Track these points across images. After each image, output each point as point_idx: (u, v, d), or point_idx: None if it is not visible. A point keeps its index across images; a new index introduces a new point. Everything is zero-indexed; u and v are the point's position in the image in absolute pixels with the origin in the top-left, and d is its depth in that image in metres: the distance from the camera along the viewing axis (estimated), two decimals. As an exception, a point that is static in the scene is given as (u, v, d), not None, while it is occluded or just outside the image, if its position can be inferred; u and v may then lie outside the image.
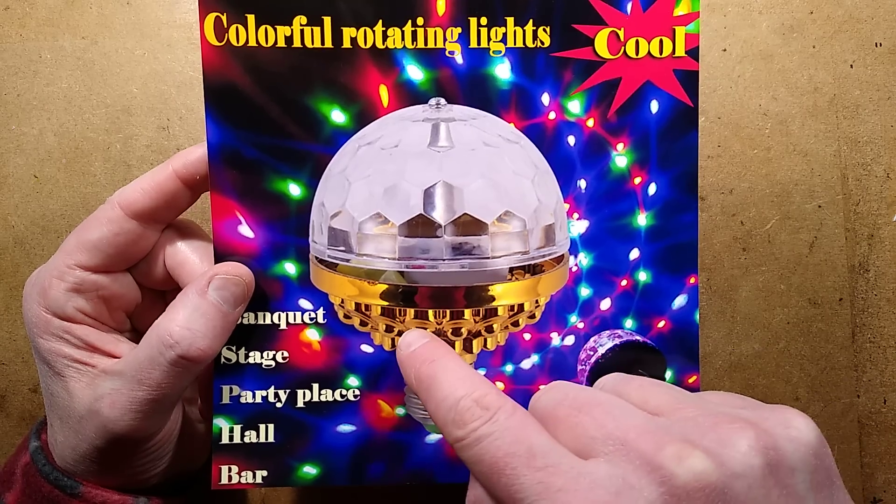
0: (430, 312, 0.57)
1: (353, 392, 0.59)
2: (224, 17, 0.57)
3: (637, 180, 0.59)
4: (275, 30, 0.57)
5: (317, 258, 0.59)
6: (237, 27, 0.57)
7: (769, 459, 0.41)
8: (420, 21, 0.57)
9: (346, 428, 0.60)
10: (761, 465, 0.41)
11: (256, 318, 0.59)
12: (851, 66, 0.74)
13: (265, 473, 0.59)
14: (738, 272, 0.74)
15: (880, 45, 0.74)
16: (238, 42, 0.57)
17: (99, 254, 0.58)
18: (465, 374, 0.48)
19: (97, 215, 0.59)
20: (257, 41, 0.57)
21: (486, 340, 0.59)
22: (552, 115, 0.58)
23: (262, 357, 0.59)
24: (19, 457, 0.61)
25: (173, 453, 0.62)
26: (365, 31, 0.57)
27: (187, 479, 0.65)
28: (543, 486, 0.42)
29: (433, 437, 0.59)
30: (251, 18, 0.57)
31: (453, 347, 0.58)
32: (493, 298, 0.57)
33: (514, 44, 0.58)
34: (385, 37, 0.58)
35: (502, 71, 0.58)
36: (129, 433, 0.56)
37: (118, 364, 0.57)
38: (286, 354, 0.59)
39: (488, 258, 0.56)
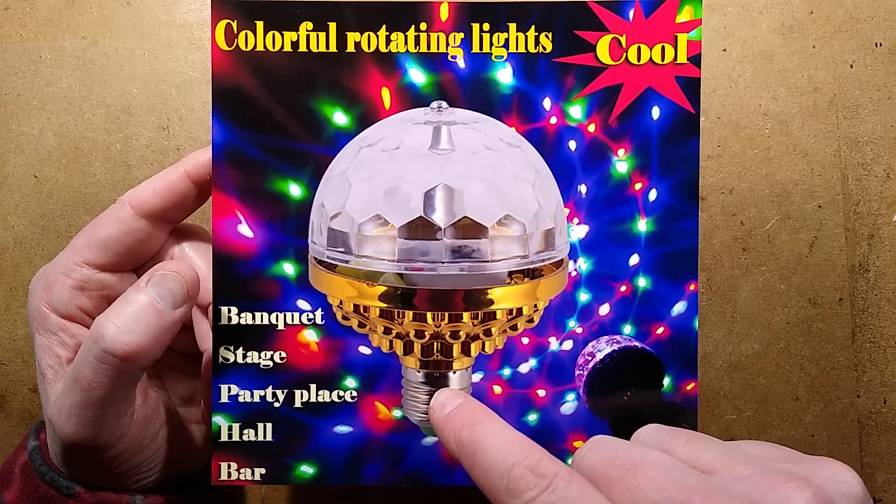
0: (429, 315, 0.57)
1: (351, 393, 0.60)
2: (234, 24, 0.58)
3: (638, 186, 0.59)
4: (282, 35, 0.58)
5: (316, 259, 0.59)
6: (246, 33, 0.58)
7: None
8: (423, 26, 0.58)
9: (343, 429, 0.60)
10: None
11: (254, 318, 0.59)
12: (851, 66, 0.74)
13: (263, 471, 0.59)
14: (738, 272, 0.74)
15: (880, 45, 0.74)
16: (247, 47, 0.58)
17: (107, 252, 0.58)
18: (512, 437, 0.47)
19: (108, 214, 0.59)
20: (265, 46, 0.58)
21: (484, 344, 0.59)
22: (553, 120, 0.58)
23: (259, 357, 0.59)
24: (18, 456, 0.62)
25: (166, 458, 0.62)
26: (369, 35, 0.58)
27: (187, 478, 0.65)
28: None
29: (429, 440, 0.60)
30: (260, 25, 0.58)
31: (451, 351, 0.58)
32: (491, 302, 0.57)
33: (517, 49, 0.58)
34: (388, 41, 0.58)
35: (504, 75, 0.58)
36: (75, 439, 0.56)
37: (70, 366, 0.57)
38: (284, 355, 0.59)
39: (488, 262, 0.56)
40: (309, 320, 0.59)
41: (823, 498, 0.41)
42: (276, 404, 0.59)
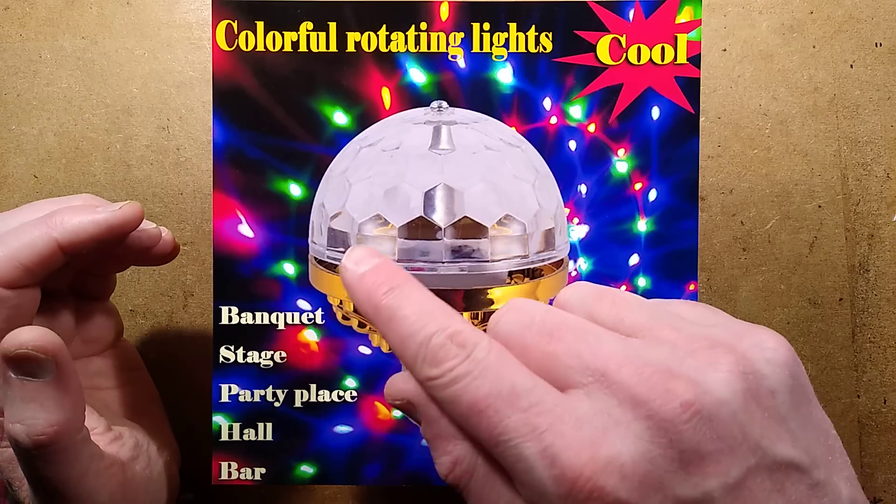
0: (429, 315, 0.57)
1: (351, 393, 0.60)
2: (235, 24, 0.58)
3: (637, 186, 0.59)
4: (282, 35, 0.58)
5: (316, 259, 0.59)
6: (247, 33, 0.58)
7: (749, 384, 0.40)
8: (423, 26, 0.58)
9: (343, 429, 0.60)
10: (742, 390, 0.39)
11: (254, 318, 0.59)
12: (851, 66, 0.74)
13: (263, 471, 0.59)
14: (738, 272, 0.74)
15: (880, 45, 0.74)
16: (247, 47, 0.58)
17: None
18: (432, 305, 0.44)
19: None
20: (265, 46, 0.58)
21: (484, 344, 0.59)
22: (553, 120, 0.58)
23: (260, 357, 0.59)
24: None
25: None
26: (369, 35, 0.58)
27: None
28: (529, 426, 0.39)
29: (431, 441, 0.60)
30: (260, 25, 0.58)
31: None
32: (491, 302, 0.57)
33: (517, 49, 0.58)
34: (388, 41, 0.58)
35: (504, 75, 0.58)
36: None
37: None
38: (284, 355, 0.59)
39: (488, 262, 0.56)
40: (309, 320, 0.59)
41: (746, 366, 0.40)
42: (277, 404, 0.59)
